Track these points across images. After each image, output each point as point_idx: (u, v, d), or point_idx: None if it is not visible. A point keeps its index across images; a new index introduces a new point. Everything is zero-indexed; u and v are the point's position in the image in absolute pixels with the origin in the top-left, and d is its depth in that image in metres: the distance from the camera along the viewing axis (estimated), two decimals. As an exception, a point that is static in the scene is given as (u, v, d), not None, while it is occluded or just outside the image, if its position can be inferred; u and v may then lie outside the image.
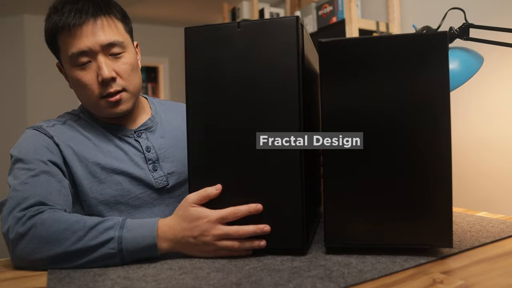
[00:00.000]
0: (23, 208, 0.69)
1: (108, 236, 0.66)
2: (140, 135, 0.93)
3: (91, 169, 0.85)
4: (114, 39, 0.85)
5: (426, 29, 0.89)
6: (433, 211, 0.65)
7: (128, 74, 0.87)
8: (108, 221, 0.68)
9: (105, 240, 0.65)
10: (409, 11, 1.97)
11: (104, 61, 0.83)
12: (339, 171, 0.67)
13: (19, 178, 0.75)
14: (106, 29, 0.84)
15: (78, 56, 0.83)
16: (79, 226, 0.66)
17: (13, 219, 0.68)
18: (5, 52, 3.61)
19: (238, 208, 0.67)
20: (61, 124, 0.90)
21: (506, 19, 1.50)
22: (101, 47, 0.83)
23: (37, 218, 0.67)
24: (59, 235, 0.66)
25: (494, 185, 1.55)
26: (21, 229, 0.67)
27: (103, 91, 0.85)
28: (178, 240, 0.68)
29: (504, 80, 1.51)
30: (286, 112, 0.66)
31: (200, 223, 0.67)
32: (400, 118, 0.65)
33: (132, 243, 0.66)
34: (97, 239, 0.65)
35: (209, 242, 0.67)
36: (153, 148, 0.92)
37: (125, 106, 0.88)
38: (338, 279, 0.57)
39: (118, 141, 0.91)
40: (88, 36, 0.82)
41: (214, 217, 0.67)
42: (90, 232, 0.66)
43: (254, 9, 2.73)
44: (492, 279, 0.57)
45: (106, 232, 0.66)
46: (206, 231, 0.67)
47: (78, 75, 0.84)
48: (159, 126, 0.97)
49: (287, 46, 0.66)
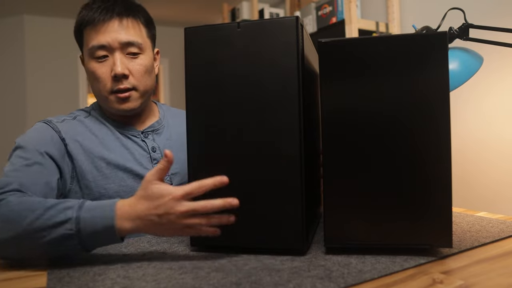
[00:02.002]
0: (1, 192, 0.70)
1: (65, 216, 0.63)
2: (147, 136, 0.96)
3: (96, 163, 0.88)
4: (133, 39, 0.90)
5: (426, 29, 0.89)
6: (433, 211, 0.65)
7: (141, 75, 0.91)
8: (68, 201, 0.66)
9: (63, 220, 0.63)
10: (409, 11, 1.97)
11: (120, 58, 0.88)
12: (339, 171, 0.67)
13: (14, 165, 0.79)
14: (129, 29, 0.90)
15: (97, 49, 0.88)
16: (39, 205, 0.65)
17: None
18: (5, 52, 3.61)
19: (203, 182, 0.63)
20: (71, 119, 0.93)
21: (505, 20, 1.50)
22: (120, 44, 0.88)
23: (5, 200, 0.67)
24: (19, 214, 0.65)
25: (494, 185, 1.55)
26: None
27: (114, 86, 0.89)
28: (141, 219, 0.64)
29: (504, 80, 1.51)
30: (286, 112, 0.66)
31: (164, 201, 0.63)
32: (399, 118, 0.65)
33: (90, 223, 0.63)
34: (54, 219, 0.63)
35: (174, 220, 0.63)
36: (158, 149, 0.95)
37: (133, 105, 0.91)
38: (338, 279, 0.57)
39: (125, 140, 0.94)
40: (110, 33, 0.88)
41: (179, 193, 0.63)
42: (48, 211, 0.64)
43: (254, 10, 2.74)
44: (492, 279, 0.57)
45: (64, 212, 0.64)
46: (171, 209, 0.63)
47: (94, 67, 0.89)
48: (165, 129, 1.01)
49: (287, 46, 0.66)
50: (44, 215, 0.64)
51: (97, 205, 0.66)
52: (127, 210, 0.64)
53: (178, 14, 3.97)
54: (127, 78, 0.89)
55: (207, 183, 0.63)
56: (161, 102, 1.16)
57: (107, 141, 0.92)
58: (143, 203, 0.64)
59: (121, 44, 0.88)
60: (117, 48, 0.88)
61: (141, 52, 0.91)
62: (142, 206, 0.64)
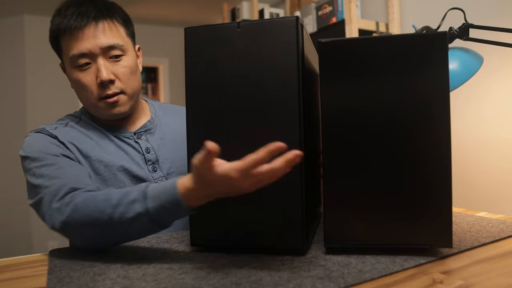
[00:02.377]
0: (59, 198, 0.71)
1: (136, 211, 0.65)
2: (140, 136, 0.95)
3: (95, 166, 0.87)
4: (114, 42, 0.87)
5: (426, 29, 0.89)
6: (433, 211, 0.65)
7: (127, 77, 0.89)
8: (131, 193, 0.67)
9: (136, 215, 0.65)
10: (409, 11, 1.97)
11: (104, 64, 0.85)
12: (339, 171, 0.67)
13: (44, 175, 0.77)
14: (107, 32, 0.86)
15: (78, 58, 0.85)
16: (106, 204, 0.67)
17: (53, 211, 0.71)
18: (5, 52, 3.61)
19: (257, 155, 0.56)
20: (63, 126, 0.91)
21: (506, 20, 1.50)
22: (101, 50, 0.85)
23: (72, 204, 0.69)
24: (92, 218, 0.67)
25: (494, 185, 1.55)
26: (62, 217, 0.69)
27: (101, 92, 0.87)
28: (209, 197, 0.63)
29: (504, 80, 1.51)
30: (286, 112, 0.66)
31: (227, 184, 0.59)
32: (399, 118, 0.65)
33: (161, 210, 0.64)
34: (127, 215, 0.65)
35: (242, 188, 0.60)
36: (152, 149, 0.94)
37: (123, 108, 0.90)
38: (338, 279, 0.57)
39: (118, 142, 0.93)
40: (89, 39, 0.85)
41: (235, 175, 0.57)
42: (118, 209, 0.66)
43: (254, 10, 2.74)
44: (492, 279, 0.57)
45: (132, 206, 0.65)
46: (238, 186, 0.59)
47: (78, 76, 0.87)
48: (158, 128, 0.99)
49: (287, 46, 0.66)
50: (115, 213, 0.66)
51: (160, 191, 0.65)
52: (193, 195, 0.63)
53: (178, 14, 3.97)
54: (114, 82, 0.87)
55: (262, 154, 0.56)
56: (161, 102, 1.15)
57: (102, 143, 0.91)
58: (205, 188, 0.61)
59: (102, 49, 0.85)
60: (98, 54, 0.85)
61: (123, 54, 0.89)
62: (205, 192, 0.62)
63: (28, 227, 3.43)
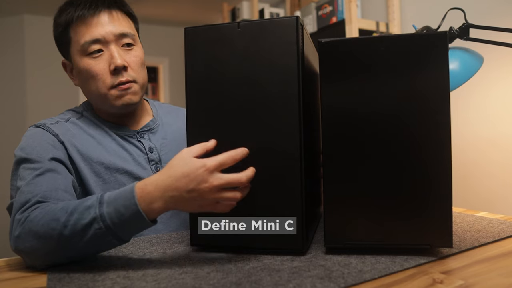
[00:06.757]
0: (23, 210, 0.68)
1: (89, 216, 0.61)
2: (143, 136, 0.94)
3: (95, 168, 0.85)
4: (127, 31, 0.88)
5: (426, 29, 0.89)
6: (433, 211, 0.65)
7: (138, 67, 0.89)
8: (87, 200, 0.64)
9: (89, 221, 0.61)
10: (409, 11, 1.97)
11: (117, 50, 0.86)
12: (339, 171, 0.67)
13: (25, 179, 0.74)
14: (120, 20, 0.88)
15: (90, 44, 0.85)
16: (62, 212, 0.63)
17: (14, 222, 0.67)
18: (5, 52, 3.61)
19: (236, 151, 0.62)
20: (64, 121, 0.89)
21: (506, 19, 1.50)
22: (114, 37, 0.86)
23: (29, 217, 0.65)
24: (47, 227, 0.63)
25: (494, 185, 1.55)
26: (17, 231, 0.66)
27: (114, 80, 0.86)
28: (169, 197, 0.61)
29: (504, 80, 1.51)
30: (286, 112, 0.66)
31: (196, 174, 0.59)
32: (400, 118, 0.65)
33: (116, 216, 0.61)
34: (81, 222, 0.61)
35: (207, 195, 0.59)
36: (155, 149, 0.93)
37: (134, 97, 0.88)
38: (338, 279, 0.57)
39: (121, 141, 0.91)
40: (103, 25, 0.85)
41: (212, 164, 0.59)
42: (72, 216, 0.62)
43: (254, 9, 2.74)
44: (492, 279, 0.57)
45: (87, 211, 0.62)
46: (203, 181, 0.59)
47: (89, 65, 0.85)
48: (160, 128, 0.98)
49: (287, 46, 0.66)
50: (69, 221, 0.62)
51: (117, 195, 0.63)
52: (151, 192, 0.61)
53: (178, 14, 3.97)
54: (127, 70, 0.86)
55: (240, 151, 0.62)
56: (161, 102, 1.14)
57: (104, 142, 0.89)
58: (169, 179, 0.60)
59: (115, 36, 0.86)
60: (111, 40, 0.85)
61: (134, 44, 0.89)
62: (169, 182, 0.60)
63: (28, 227, 3.42)
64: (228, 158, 0.61)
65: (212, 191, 0.60)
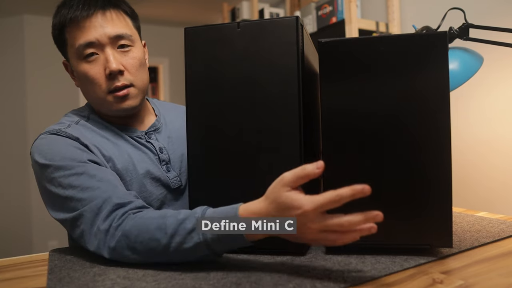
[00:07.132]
0: (104, 217, 0.66)
1: (193, 242, 0.61)
2: (150, 136, 0.92)
3: (115, 169, 0.82)
4: (122, 32, 0.84)
5: (426, 29, 0.89)
6: (433, 211, 0.65)
7: (136, 69, 0.85)
8: (185, 221, 0.62)
9: (193, 246, 0.61)
10: (409, 11, 1.97)
11: (112, 54, 0.82)
12: (338, 171, 0.67)
13: (74, 186, 0.71)
14: (115, 21, 0.84)
15: (85, 48, 0.81)
16: (161, 234, 0.63)
17: (100, 233, 0.66)
18: (5, 52, 3.61)
19: (340, 192, 0.54)
20: (74, 123, 0.86)
21: (506, 19, 1.50)
22: (109, 39, 0.82)
23: (121, 229, 0.65)
24: (146, 246, 0.63)
25: (494, 185, 1.55)
26: (112, 243, 0.65)
27: (110, 85, 0.82)
28: None
29: (504, 80, 1.51)
30: (286, 112, 0.66)
31: (293, 214, 0.56)
32: (400, 118, 0.65)
33: (220, 243, 0.61)
34: (184, 246, 0.62)
35: (305, 235, 0.58)
36: (164, 149, 0.91)
37: (133, 102, 0.86)
38: (338, 279, 0.57)
39: (133, 141, 0.89)
40: (97, 28, 0.81)
41: (310, 207, 0.55)
42: (174, 239, 0.62)
43: (254, 9, 2.74)
44: (492, 279, 0.57)
45: (190, 236, 0.61)
46: (301, 225, 0.56)
47: (85, 69, 0.83)
48: (164, 127, 0.97)
49: (287, 46, 0.66)
50: (171, 243, 0.62)
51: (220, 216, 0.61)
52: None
53: (178, 14, 3.97)
54: (123, 74, 0.83)
55: (344, 194, 0.53)
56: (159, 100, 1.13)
57: (118, 143, 0.86)
58: (271, 211, 0.58)
59: (110, 38, 0.82)
60: (106, 43, 0.82)
61: (132, 45, 0.85)
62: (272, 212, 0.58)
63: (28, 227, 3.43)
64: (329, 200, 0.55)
65: (311, 232, 0.57)
